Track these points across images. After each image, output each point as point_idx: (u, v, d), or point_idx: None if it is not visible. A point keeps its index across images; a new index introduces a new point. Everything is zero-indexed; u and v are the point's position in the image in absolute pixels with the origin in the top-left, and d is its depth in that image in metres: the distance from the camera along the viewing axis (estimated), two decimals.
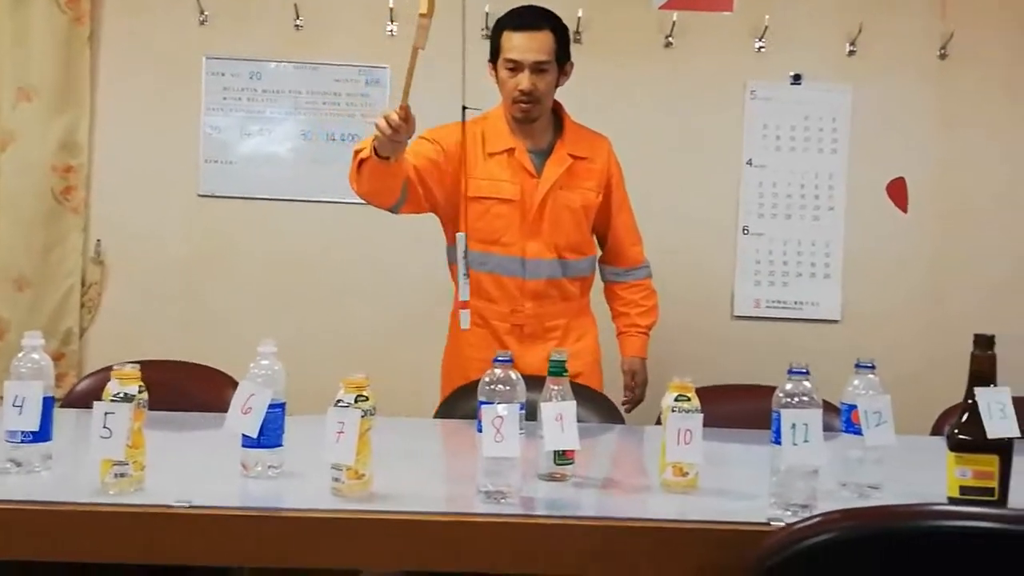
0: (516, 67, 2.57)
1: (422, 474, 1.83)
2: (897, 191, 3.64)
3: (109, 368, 1.59)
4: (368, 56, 3.53)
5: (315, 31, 3.52)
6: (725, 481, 1.79)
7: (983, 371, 1.60)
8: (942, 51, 3.58)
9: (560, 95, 2.70)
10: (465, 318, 2.31)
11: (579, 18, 3.45)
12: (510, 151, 2.64)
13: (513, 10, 2.65)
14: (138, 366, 1.58)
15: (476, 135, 2.64)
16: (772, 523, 1.44)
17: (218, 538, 1.45)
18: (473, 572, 1.48)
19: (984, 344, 1.61)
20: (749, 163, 3.62)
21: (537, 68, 2.57)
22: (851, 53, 3.59)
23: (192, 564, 1.59)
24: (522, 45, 2.56)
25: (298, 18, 3.50)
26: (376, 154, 2.30)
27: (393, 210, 2.55)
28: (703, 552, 1.46)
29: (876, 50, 3.59)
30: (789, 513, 1.51)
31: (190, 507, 1.46)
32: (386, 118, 2.22)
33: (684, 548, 1.46)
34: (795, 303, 3.63)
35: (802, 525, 1.28)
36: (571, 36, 2.74)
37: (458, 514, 1.50)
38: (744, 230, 3.62)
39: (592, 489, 1.72)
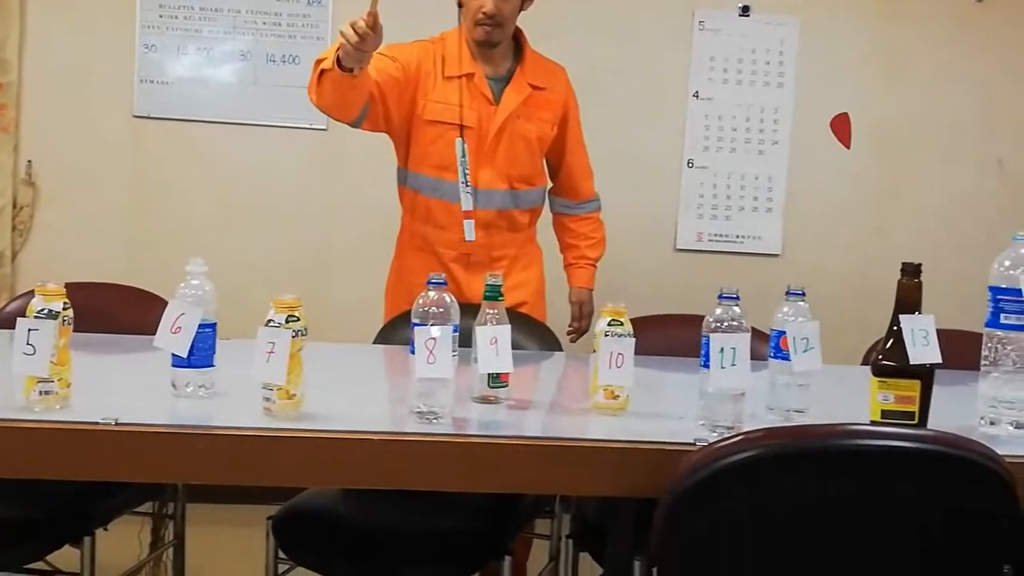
0: None
1: (356, 396, 1.83)
2: (841, 126, 3.67)
3: None
4: None
5: None
6: (656, 405, 1.81)
7: (909, 298, 1.63)
8: None
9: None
10: (469, 228, 2.37)
11: None
12: (468, 76, 2.58)
13: None
14: (62, 283, 1.54)
15: (435, 56, 2.58)
16: (698, 443, 1.46)
17: (146, 455, 1.44)
18: (404, 490, 1.50)
19: (911, 272, 1.64)
20: (695, 95, 3.61)
21: None
22: None
23: (120, 480, 1.58)
24: None
25: None
26: (339, 65, 2.23)
27: (354, 125, 2.49)
28: (631, 471, 1.48)
29: None
30: (715, 434, 1.52)
31: (116, 424, 1.44)
32: (352, 25, 2.13)
33: (612, 467, 1.48)
34: (737, 237, 3.67)
35: (724, 443, 1.31)
36: None
37: (389, 433, 1.50)
38: (689, 163, 3.63)
39: (525, 411, 1.74)
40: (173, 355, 1.63)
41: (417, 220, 2.67)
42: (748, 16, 3.58)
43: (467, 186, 2.41)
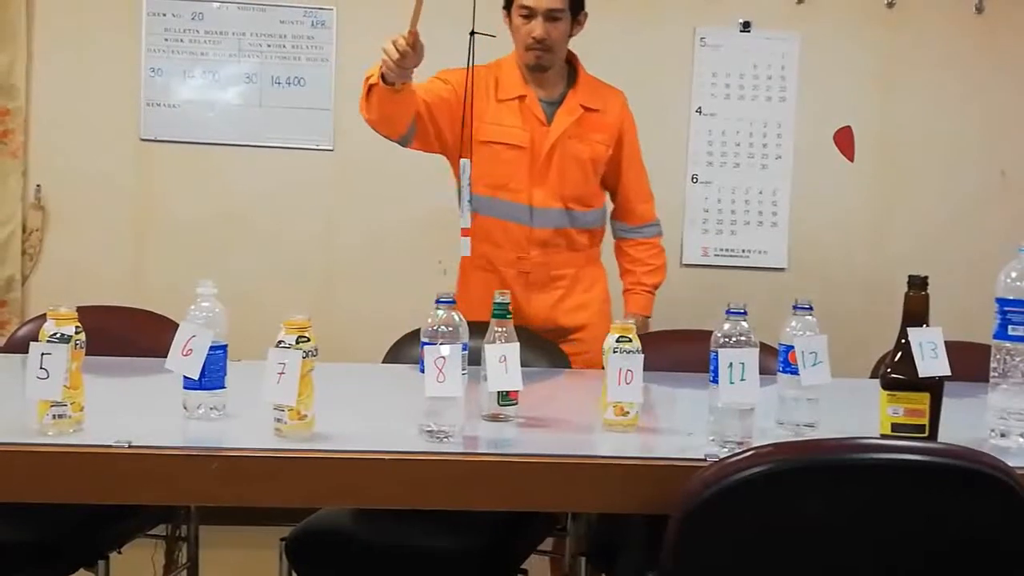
0: (530, 14, 2.54)
1: (366, 416, 1.83)
2: (844, 140, 3.68)
3: None
4: None
5: None
6: (666, 421, 1.82)
7: (916, 311, 1.63)
8: None
9: None
10: (465, 245, 2.32)
11: None
12: (521, 98, 2.62)
13: None
14: (74, 307, 1.56)
15: (489, 81, 2.62)
16: (708, 459, 1.46)
17: (159, 478, 1.45)
18: (415, 509, 1.50)
19: (917, 285, 1.64)
20: (698, 111, 3.63)
21: (551, 15, 2.54)
22: (800, 1, 3.60)
23: (133, 503, 1.58)
24: None
25: None
26: (383, 80, 2.27)
27: (403, 143, 2.53)
28: (642, 488, 1.48)
29: None
30: (725, 450, 1.53)
31: (129, 447, 1.45)
32: (393, 43, 2.18)
33: (623, 484, 1.49)
34: (743, 251, 3.67)
35: (735, 459, 1.31)
36: None
37: (400, 452, 1.50)
38: (693, 178, 3.65)
39: (535, 429, 1.74)
40: (184, 377, 1.64)
41: (476, 239, 2.68)
42: (749, 32, 3.60)
43: (469, 204, 2.40)
